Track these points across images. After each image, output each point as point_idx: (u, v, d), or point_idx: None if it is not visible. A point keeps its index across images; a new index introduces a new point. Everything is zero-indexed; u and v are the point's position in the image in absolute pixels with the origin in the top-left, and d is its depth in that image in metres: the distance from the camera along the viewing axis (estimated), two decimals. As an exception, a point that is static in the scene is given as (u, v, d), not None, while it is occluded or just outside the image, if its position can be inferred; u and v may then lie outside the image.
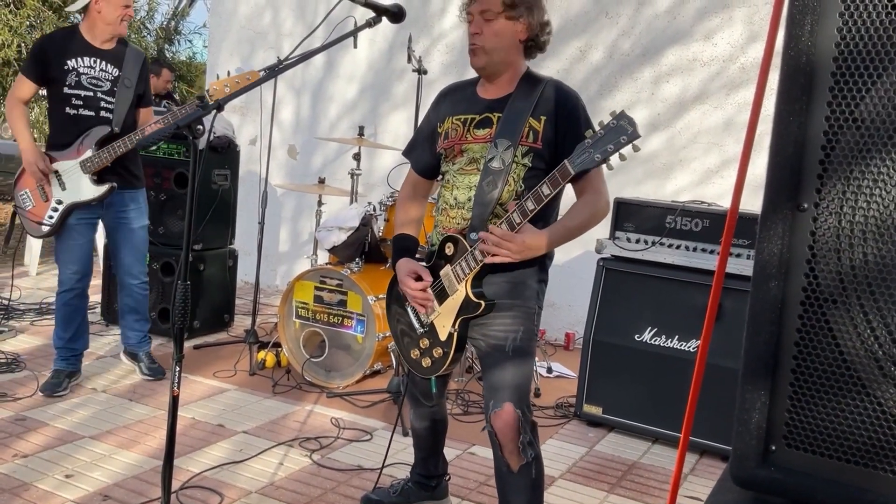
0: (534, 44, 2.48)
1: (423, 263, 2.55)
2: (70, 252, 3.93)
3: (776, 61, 1.08)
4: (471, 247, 2.37)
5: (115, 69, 3.87)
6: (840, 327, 1.00)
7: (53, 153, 3.84)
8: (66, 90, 3.77)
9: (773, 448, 1.08)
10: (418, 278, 2.52)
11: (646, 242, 3.84)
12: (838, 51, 0.99)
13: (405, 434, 3.74)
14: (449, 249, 2.45)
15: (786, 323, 1.04)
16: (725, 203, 4.63)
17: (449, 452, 3.47)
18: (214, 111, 1.89)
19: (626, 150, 2.07)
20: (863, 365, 0.98)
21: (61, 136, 3.86)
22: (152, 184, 4.98)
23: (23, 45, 9.05)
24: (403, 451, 3.55)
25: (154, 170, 4.98)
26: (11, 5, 9.11)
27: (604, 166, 2.16)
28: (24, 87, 3.83)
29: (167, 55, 12.26)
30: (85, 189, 3.83)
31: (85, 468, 3.15)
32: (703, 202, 4.01)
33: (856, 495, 0.99)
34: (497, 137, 2.40)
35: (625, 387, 3.85)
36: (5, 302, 5.40)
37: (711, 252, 3.72)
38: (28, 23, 9.11)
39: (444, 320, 2.47)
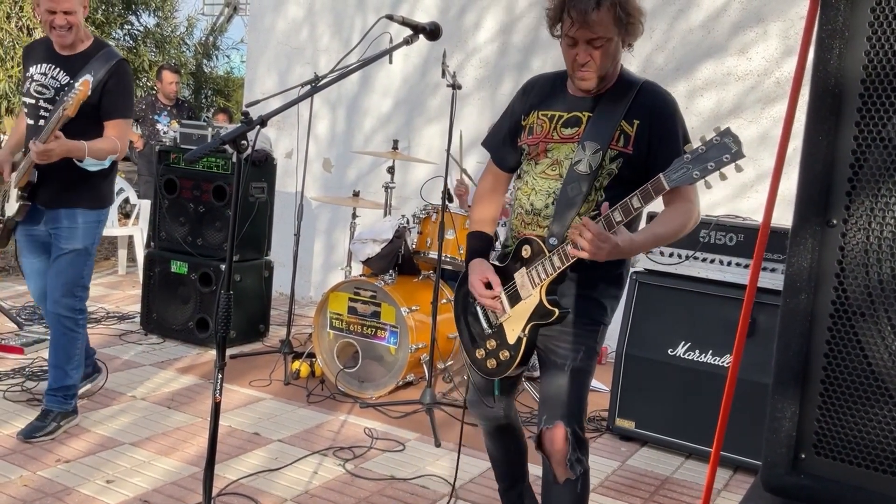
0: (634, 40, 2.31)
1: (497, 263, 2.47)
2: (25, 268, 3.71)
3: (808, 76, 1.11)
4: (549, 252, 2.28)
5: (66, 76, 3.43)
6: (868, 339, 1.02)
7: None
8: (22, 98, 3.58)
9: (803, 456, 1.10)
10: (489, 284, 2.43)
11: (679, 256, 3.84)
12: (866, 73, 1.02)
13: (437, 445, 3.77)
14: (525, 252, 2.36)
15: (815, 335, 1.07)
16: (760, 217, 4.61)
17: (477, 465, 3.49)
18: (258, 127, 1.95)
19: (729, 170, 1.96)
20: (890, 376, 1.00)
21: (24, 146, 3.56)
22: (191, 196, 5.10)
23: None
24: (436, 463, 3.58)
25: (193, 182, 5.09)
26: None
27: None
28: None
29: (205, 70, 12.49)
30: (12, 202, 3.55)
31: (125, 474, 3.23)
32: (737, 216, 4.00)
33: (883, 502, 1.01)
34: (585, 139, 2.26)
35: (658, 401, 3.85)
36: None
37: (746, 266, 3.72)
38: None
39: (515, 324, 2.39)
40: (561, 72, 2.42)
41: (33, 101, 3.48)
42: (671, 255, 3.87)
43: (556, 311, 2.30)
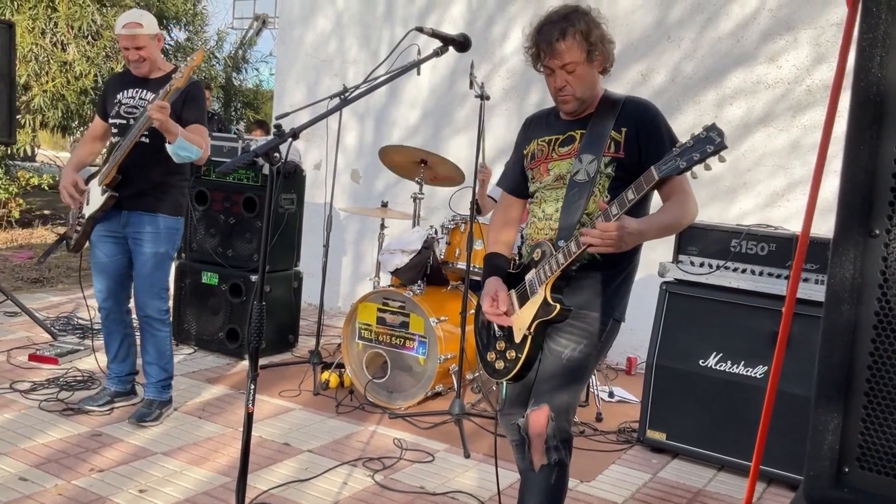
0: (609, 66, 2.57)
1: (512, 271, 2.61)
2: (94, 268, 3.96)
3: (845, 81, 1.09)
4: (555, 251, 2.41)
5: (153, 95, 3.80)
6: (914, 351, 1.00)
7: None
8: (110, 121, 3.91)
9: (847, 469, 1.08)
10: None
11: (710, 266, 3.81)
12: (908, 81, 1.00)
13: (466, 456, 3.76)
14: (537, 255, 2.49)
15: (858, 346, 1.05)
16: (792, 226, 4.56)
17: (508, 476, 3.48)
18: (290, 139, 1.97)
19: (714, 161, 2.11)
20: (937, 388, 0.98)
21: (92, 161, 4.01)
22: (222, 208, 5.15)
23: (98, 75, 9.45)
24: (465, 474, 3.57)
25: (224, 194, 5.15)
26: (89, 37, 9.54)
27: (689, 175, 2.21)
28: (93, 123, 4.09)
29: (235, 83, 12.64)
30: (94, 200, 3.83)
31: (158, 483, 3.26)
32: (769, 226, 3.96)
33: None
34: (581, 153, 2.48)
35: (689, 412, 3.81)
36: (82, 322, 5.62)
37: (778, 276, 3.67)
38: (104, 53, 9.52)
39: (521, 322, 2.49)
40: (553, 107, 2.68)
41: (124, 122, 3.82)
42: (702, 264, 3.84)
43: (558, 305, 2.40)
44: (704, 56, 5.31)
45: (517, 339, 2.51)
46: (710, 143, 2.08)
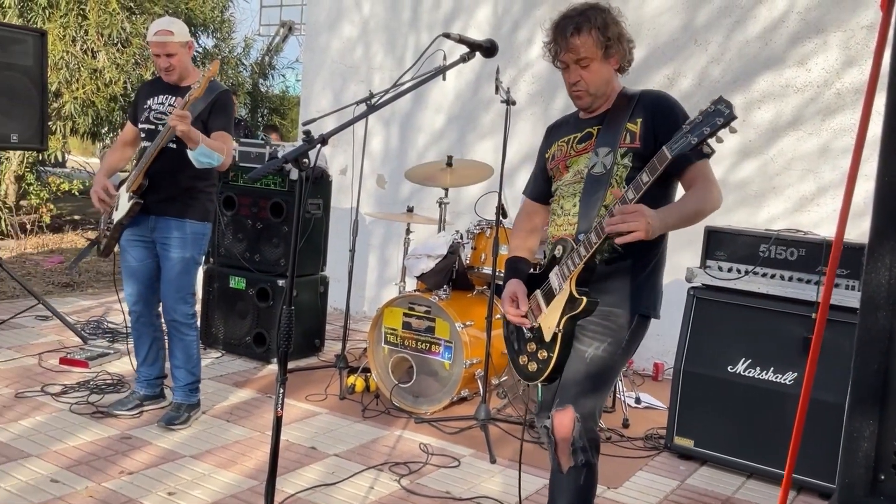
0: (627, 64, 2.55)
1: (534, 272, 2.59)
2: (124, 272, 4.02)
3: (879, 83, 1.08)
4: (577, 245, 2.37)
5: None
6: (952, 358, 0.98)
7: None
8: (139, 126, 3.98)
9: (882, 477, 1.06)
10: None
11: (738, 271, 3.77)
12: (945, 82, 0.99)
13: (492, 461, 3.76)
14: (558, 251, 2.46)
15: (894, 353, 1.03)
16: (821, 231, 4.51)
17: (534, 482, 3.47)
18: (319, 145, 1.98)
19: (726, 133, 2.09)
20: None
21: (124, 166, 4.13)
22: (249, 213, 5.19)
23: (128, 81, 9.58)
24: (491, 480, 3.57)
25: (251, 199, 5.19)
26: (119, 44, 9.67)
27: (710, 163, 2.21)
28: (124, 128, 4.16)
29: (261, 89, 12.74)
30: (122, 206, 3.90)
31: (186, 486, 3.28)
32: (798, 230, 3.92)
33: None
34: (597, 146, 2.47)
35: (717, 419, 3.77)
36: (112, 326, 5.69)
37: (808, 282, 3.63)
38: (133, 60, 9.65)
39: (549, 321, 2.45)
40: (574, 112, 2.68)
41: (153, 127, 3.89)
42: (730, 270, 3.80)
43: (584, 298, 2.36)
44: (732, 59, 5.27)
45: (547, 339, 2.46)
46: (720, 115, 2.05)
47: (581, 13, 2.44)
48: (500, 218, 4.17)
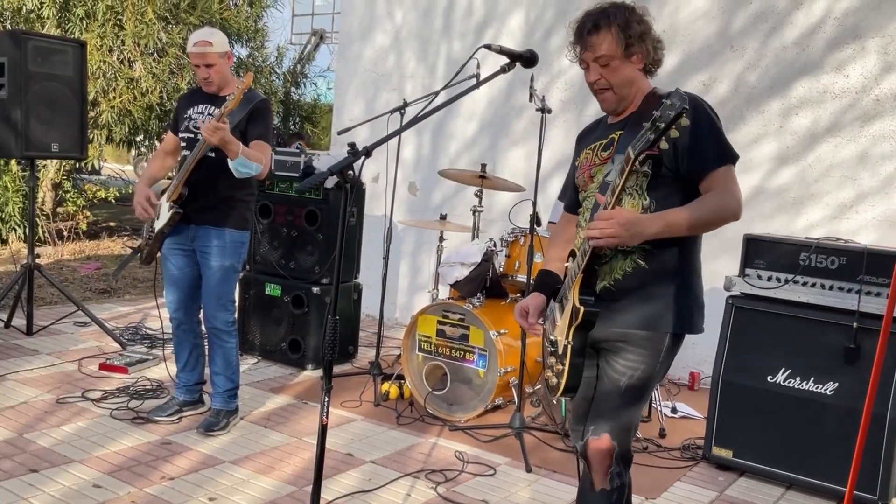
0: (652, 65, 2.45)
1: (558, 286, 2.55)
2: (166, 279, 4.09)
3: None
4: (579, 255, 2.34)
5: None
6: None
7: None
8: (180, 135, 4.04)
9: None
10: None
11: (778, 280, 3.74)
12: None
13: (528, 470, 3.75)
14: (570, 262, 2.43)
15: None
16: (860, 239, 4.45)
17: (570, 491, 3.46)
18: (363, 157, 2.00)
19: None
20: None
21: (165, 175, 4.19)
22: (285, 221, 5.24)
23: (164, 91, 9.71)
24: (527, 489, 3.56)
25: (286, 207, 5.24)
26: (155, 54, 9.80)
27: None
28: (165, 137, 4.23)
29: (294, 97, 12.84)
30: (163, 215, 3.95)
31: (226, 492, 3.32)
32: (838, 238, 3.87)
33: None
34: (616, 154, 2.36)
35: (757, 430, 3.74)
36: (150, 332, 5.77)
37: (849, 291, 3.58)
38: (169, 70, 9.77)
39: (560, 333, 2.41)
40: (603, 116, 2.59)
41: (192, 136, 3.94)
42: (769, 278, 3.77)
43: (581, 308, 2.27)
44: (769, 65, 5.22)
45: (560, 351, 2.42)
46: (672, 109, 2.02)
47: (602, 10, 2.37)
48: (534, 226, 4.16)
